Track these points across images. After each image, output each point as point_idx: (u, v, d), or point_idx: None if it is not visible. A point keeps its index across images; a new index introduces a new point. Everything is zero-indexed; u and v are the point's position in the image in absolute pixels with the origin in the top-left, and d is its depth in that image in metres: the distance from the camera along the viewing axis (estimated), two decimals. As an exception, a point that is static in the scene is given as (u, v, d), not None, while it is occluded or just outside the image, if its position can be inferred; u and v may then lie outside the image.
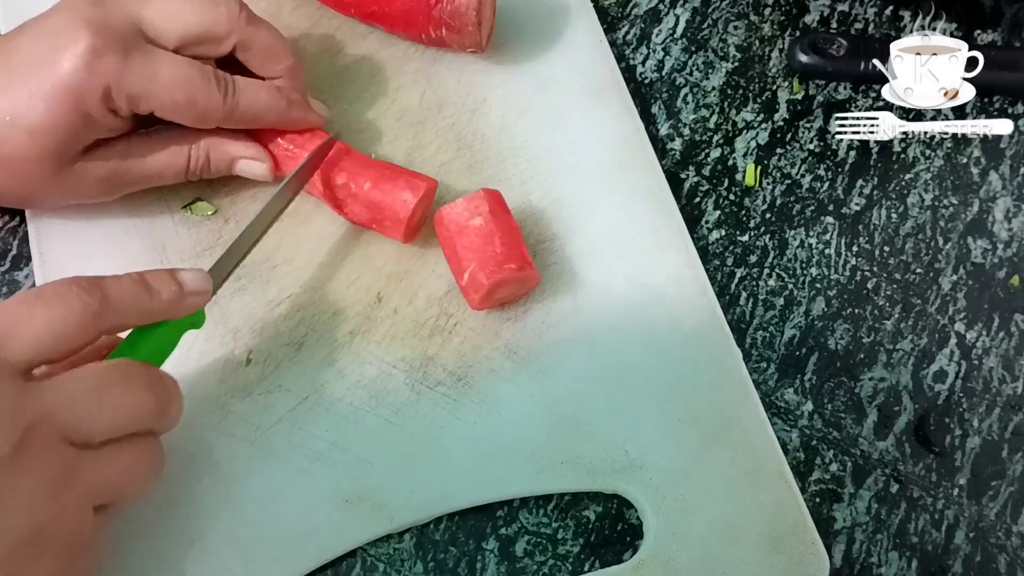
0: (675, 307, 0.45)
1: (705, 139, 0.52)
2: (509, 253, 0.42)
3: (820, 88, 0.54)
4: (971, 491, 0.44)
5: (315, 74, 0.50)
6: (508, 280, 0.42)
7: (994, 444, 0.45)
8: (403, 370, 0.43)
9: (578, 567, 0.41)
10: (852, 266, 0.49)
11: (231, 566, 0.39)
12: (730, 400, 0.43)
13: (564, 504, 0.42)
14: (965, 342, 0.47)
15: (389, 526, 0.40)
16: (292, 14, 0.51)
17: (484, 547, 0.41)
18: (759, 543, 0.41)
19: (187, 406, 0.41)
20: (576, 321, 0.45)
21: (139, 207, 0.46)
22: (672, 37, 0.55)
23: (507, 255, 0.42)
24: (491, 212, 0.42)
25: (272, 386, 0.42)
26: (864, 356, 0.47)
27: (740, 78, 0.54)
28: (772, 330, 0.47)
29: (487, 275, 0.41)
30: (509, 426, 0.42)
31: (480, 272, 0.41)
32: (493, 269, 0.41)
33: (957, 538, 0.43)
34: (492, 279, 0.41)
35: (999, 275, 0.49)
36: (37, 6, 0.41)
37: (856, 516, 0.43)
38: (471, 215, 0.42)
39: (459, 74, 0.51)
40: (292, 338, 0.43)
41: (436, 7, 0.47)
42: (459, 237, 0.42)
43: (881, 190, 0.51)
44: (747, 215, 0.50)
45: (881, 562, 0.43)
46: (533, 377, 0.43)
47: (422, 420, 0.42)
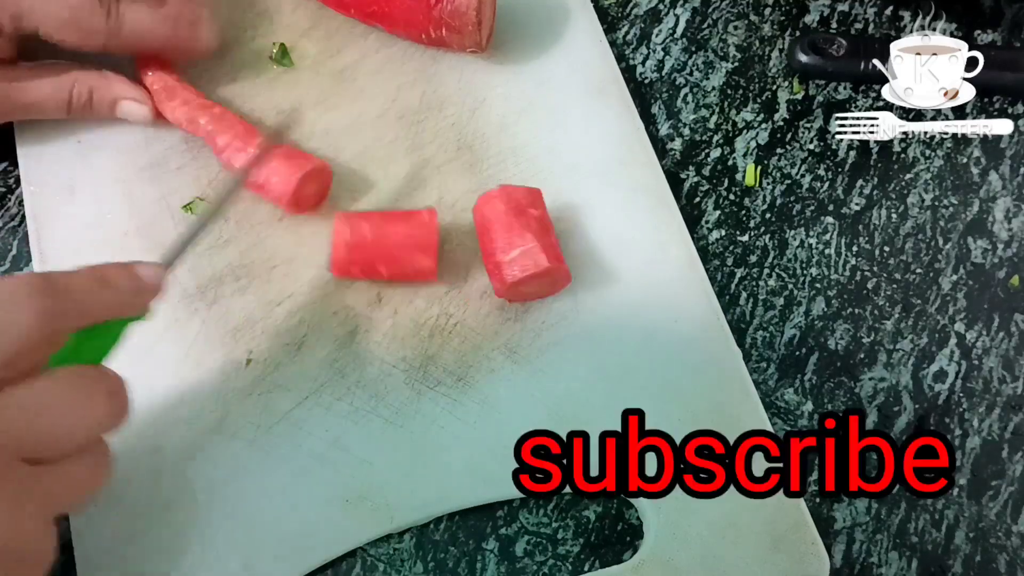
0: (675, 307, 0.45)
1: (705, 139, 0.52)
2: (559, 252, 0.43)
3: (820, 88, 0.54)
4: (971, 491, 0.44)
5: (315, 74, 0.50)
6: (555, 274, 0.43)
7: (994, 444, 0.45)
8: (403, 370, 0.43)
9: (578, 567, 0.41)
10: (852, 266, 0.49)
11: (231, 566, 0.39)
12: (730, 400, 0.43)
13: (564, 504, 0.42)
14: (965, 342, 0.47)
15: (389, 526, 0.40)
16: (292, 14, 0.51)
17: (484, 547, 0.41)
18: (759, 543, 0.41)
19: (187, 406, 0.41)
20: (576, 321, 0.45)
21: (139, 207, 0.46)
22: (672, 37, 0.55)
23: (559, 252, 0.43)
24: (544, 212, 0.44)
25: (272, 386, 0.42)
26: (864, 356, 0.47)
27: (740, 78, 0.54)
28: (772, 330, 0.47)
29: (548, 258, 0.42)
30: (509, 426, 0.42)
31: (540, 253, 0.42)
32: (553, 256, 0.42)
33: (957, 538, 0.43)
34: (552, 263, 0.42)
35: (999, 275, 0.49)
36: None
37: (856, 516, 0.43)
38: (529, 204, 0.43)
39: (459, 74, 0.51)
40: (292, 338, 0.43)
41: (436, 7, 0.47)
42: (518, 217, 0.43)
43: (881, 190, 0.51)
44: (747, 215, 0.50)
45: (881, 562, 0.43)
46: (533, 377, 0.43)
47: (422, 420, 0.42)
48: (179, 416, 0.41)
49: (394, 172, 0.48)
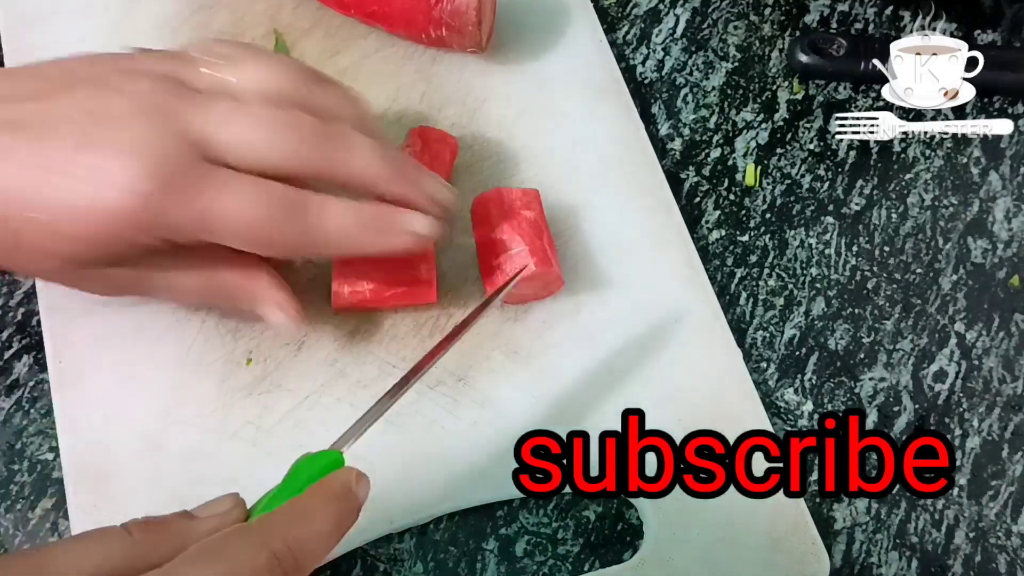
0: (675, 307, 0.45)
1: (705, 139, 0.52)
2: (553, 255, 0.43)
3: (820, 88, 0.54)
4: (971, 491, 0.44)
5: (315, 74, 0.50)
6: (544, 277, 0.42)
7: (994, 444, 0.45)
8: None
9: (578, 567, 0.41)
10: (852, 266, 0.49)
11: (231, 566, 0.39)
12: (730, 400, 0.43)
13: (564, 504, 0.42)
14: (965, 342, 0.47)
15: (389, 526, 0.40)
16: (292, 14, 0.51)
17: (484, 547, 0.41)
18: (759, 543, 0.41)
19: (187, 406, 0.41)
20: (576, 321, 0.45)
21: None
22: (672, 37, 0.55)
23: (552, 255, 0.43)
24: (540, 214, 0.44)
25: (272, 386, 0.42)
26: (864, 356, 0.47)
27: (740, 78, 0.54)
28: (772, 330, 0.47)
29: (536, 261, 0.42)
30: (509, 426, 0.42)
31: (528, 257, 0.42)
32: (542, 259, 0.42)
33: (957, 538, 0.43)
34: (541, 267, 0.42)
35: (999, 275, 0.49)
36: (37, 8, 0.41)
37: (856, 516, 0.43)
38: (523, 206, 0.43)
39: (459, 74, 0.51)
40: (292, 338, 0.43)
41: (436, 7, 0.47)
42: (511, 218, 0.43)
43: (881, 190, 0.51)
44: (747, 215, 0.50)
45: (881, 562, 0.43)
46: (533, 377, 0.43)
47: (422, 420, 0.42)
48: (179, 416, 0.41)
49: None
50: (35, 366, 0.43)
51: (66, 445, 0.40)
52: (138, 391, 0.41)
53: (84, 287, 0.38)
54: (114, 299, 0.41)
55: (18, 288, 0.45)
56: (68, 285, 0.38)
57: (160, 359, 0.42)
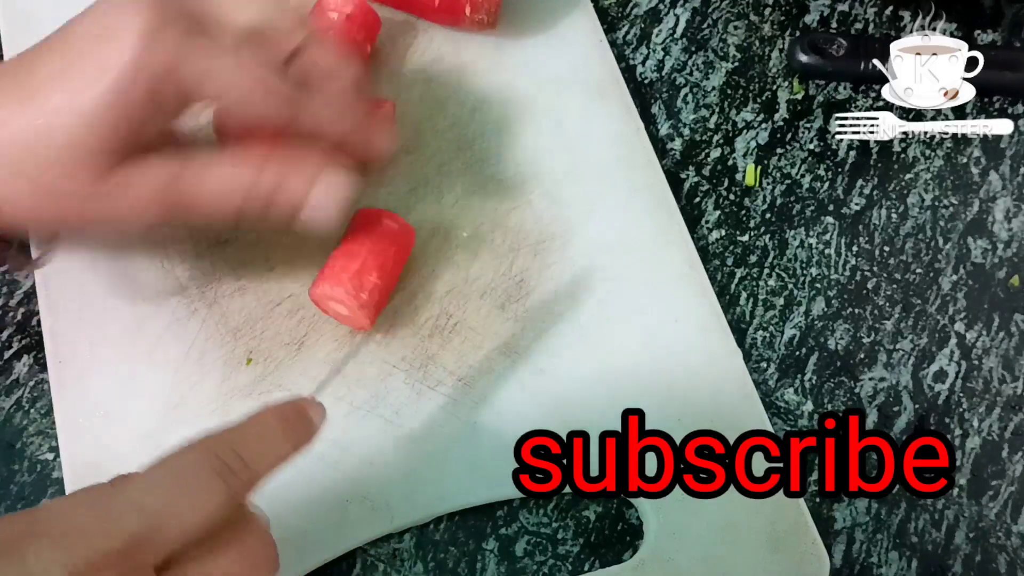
0: (675, 307, 0.45)
1: (705, 139, 0.52)
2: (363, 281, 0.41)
3: (820, 88, 0.54)
4: (971, 491, 0.44)
5: (315, 74, 0.50)
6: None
7: (994, 444, 0.45)
8: (403, 370, 0.43)
9: (578, 567, 0.41)
10: (852, 266, 0.49)
11: (231, 566, 0.39)
12: (730, 400, 0.43)
13: (564, 504, 0.42)
14: (965, 342, 0.47)
15: (389, 526, 0.40)
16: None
17: (484, 547, 0.41)
18: (759, 543, 0.41)
19: (187, 406, 0.41)
20: (576, 321, 0.45)
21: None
22: (672, 37, 0.55)
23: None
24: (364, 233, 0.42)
25: (272, 386, 0.42)
26: (864, 356, 0.47)
27: (740, 78, 0.54)
28: (772, 330, 0.47)
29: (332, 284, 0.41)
30: (509, 426, 0.42)
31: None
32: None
33: (957, 538, 0.43)
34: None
35: (999, 275, 0.49)
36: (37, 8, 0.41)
37: (856, 516, 0.43)
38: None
39: (459, 74, 0.51)
40: (292, 338, 0.43)
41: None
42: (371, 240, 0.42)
43: (881, 190, 0.51)
44: (747, 215, 0.50)
45: (881, 562, 0.43)
46: (533, 377, 0.43)
47: (422, 420, 0.42)
48: (179, 416, 0.41)
49: (394, 172, 0.48)
50: (35, 366, 0.43)
51: (66, 445, 0.40)
52: (138, 391, 0.42)
53: (113, 211, 0.37)
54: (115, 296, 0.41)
55: (18, 288, 0.45)
56: (96, 218, 0.38)
57: (160, 359, 0.42)
